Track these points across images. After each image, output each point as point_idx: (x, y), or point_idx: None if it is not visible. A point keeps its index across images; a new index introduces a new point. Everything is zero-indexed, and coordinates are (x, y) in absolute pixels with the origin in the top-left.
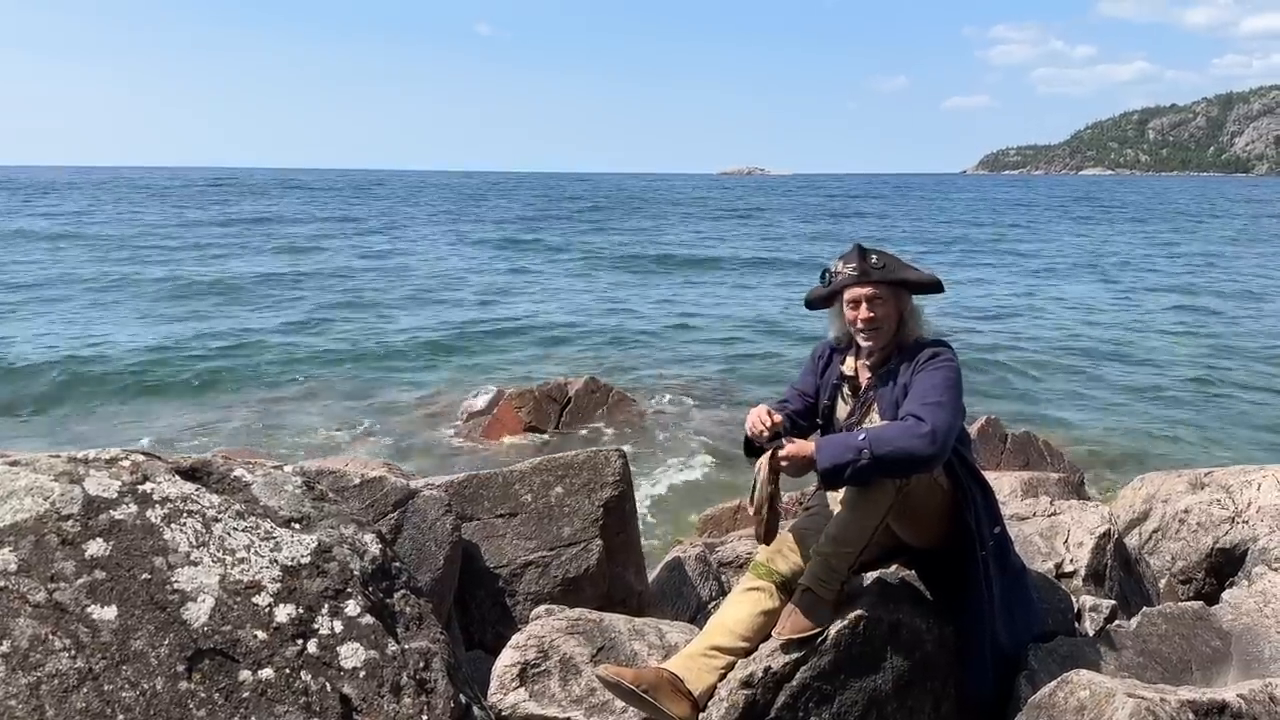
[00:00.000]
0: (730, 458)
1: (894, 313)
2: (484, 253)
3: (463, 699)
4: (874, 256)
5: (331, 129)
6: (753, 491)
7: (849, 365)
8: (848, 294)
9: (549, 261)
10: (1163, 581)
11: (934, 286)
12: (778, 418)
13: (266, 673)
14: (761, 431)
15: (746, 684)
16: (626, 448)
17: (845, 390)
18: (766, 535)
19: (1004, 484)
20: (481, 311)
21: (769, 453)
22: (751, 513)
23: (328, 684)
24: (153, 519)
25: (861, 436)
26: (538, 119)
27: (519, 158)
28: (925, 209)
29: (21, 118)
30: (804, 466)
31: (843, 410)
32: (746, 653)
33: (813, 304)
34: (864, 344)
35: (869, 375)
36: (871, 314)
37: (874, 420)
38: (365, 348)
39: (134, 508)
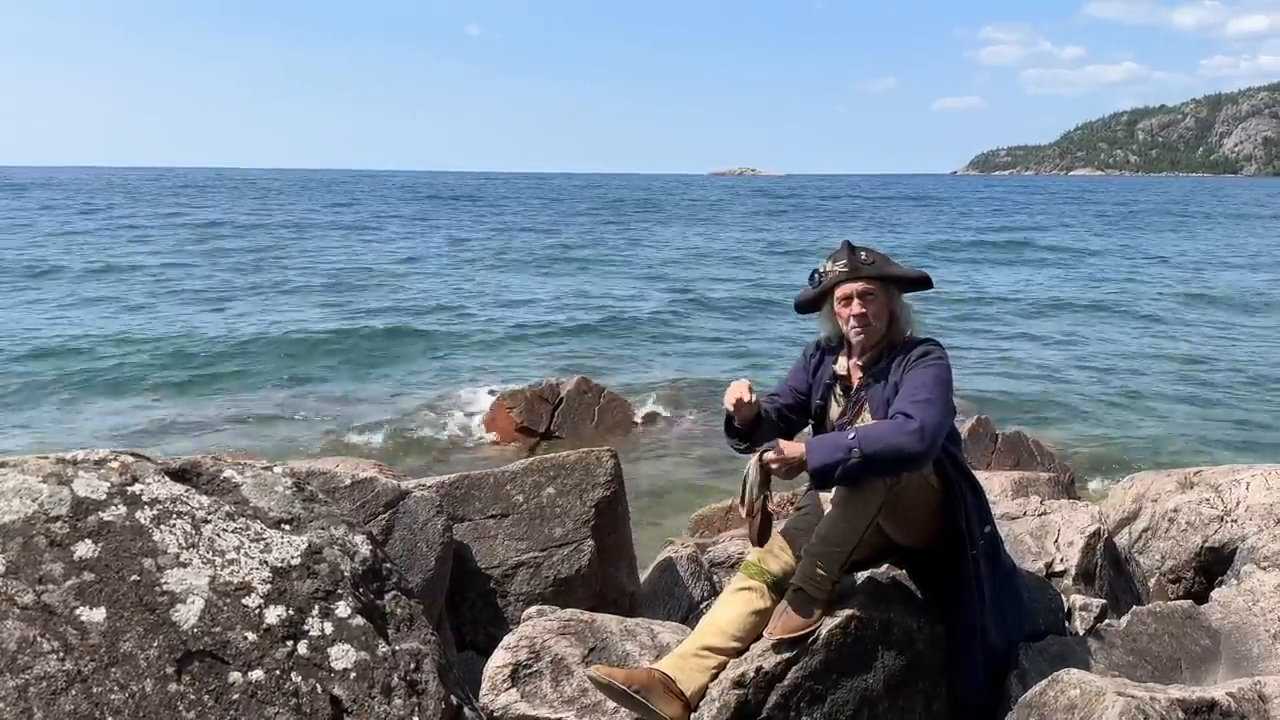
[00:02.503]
0: (722, 458)
1: (885, 309)
2: (487, 252)
3: (454, 700)
4: (863, 253)
5: (321, 130)
6: (744, 493)
7: (841, 365)
8: (839, 291)
9: (554, 261)
10: (1152, 580)
11: (923, 282)
12: (750, 396)
13: (256, 674)
14: (739, 403)
15: (738, 684)
16: (618, 448)
17: (837, 390)
18: (760, 537)
19: (994, 483)
20: (478, 310)
21: (759, 454)
22: (744, 515)
23: (318, 685)
24: (142, 520)
25: (851, 435)
26: (528, 120)
27: (509, 158)
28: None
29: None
30: (795, 467)
31: (835, 410)
32: (738, 653)
33: (802, 307)
34: (856, 340)
35: (860, 375)
36: (864, 310)
37: (866, 419)
38: (360, 348)
39: (123, 509)
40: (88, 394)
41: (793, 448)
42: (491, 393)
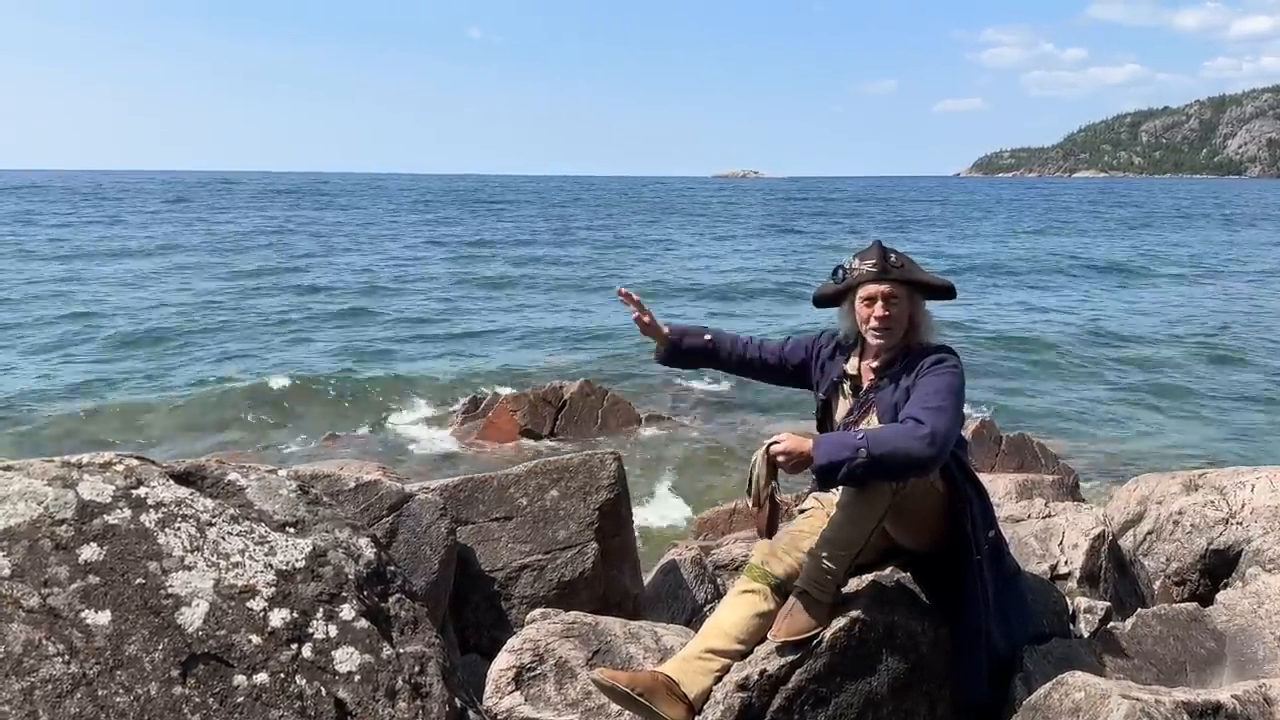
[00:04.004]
0: (725, 461)
1: (907, 314)
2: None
3: (458, 703)
4: (892, 255)
5: (322, 133)
6: (751, 486)
7: (852, 364)
8: (863, 291)
9: (554, 262)
10: (1157, 583)
11: (947, 291)
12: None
13: (261, 677)
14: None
15: (742, 687)
16: (622, 450)
17: (846, 387)
18: (768, 528)
19: (999, 486)
20: (483, 315)
21: (766, 448)
22: (752, 506)
23: (323, 688)
24: (147, 523)
25: (860, 436)
26: (530, 123)
27: (510, 161)
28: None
29: None
30: (801, 462)
31: (841, 408)
32: (742, 655)
33: (821, 301)
34: (874, 343)
35: (871, 377)
36: (887, 312)
37: (872, 422)
38: (360, 350)
39: (128, 512)
40: (87, 397)
41: (800, 442)
42: (495, 395)
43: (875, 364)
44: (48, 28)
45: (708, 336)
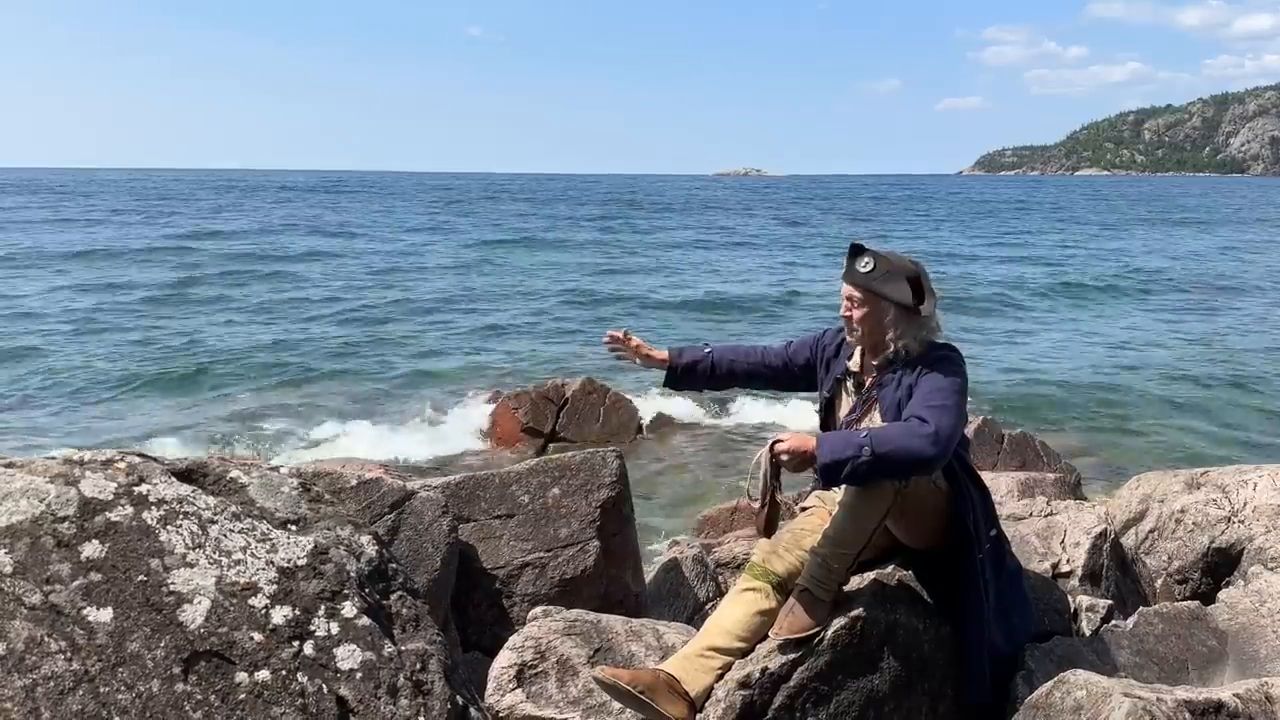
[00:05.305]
0: (727, 459)
1: (872, 318)
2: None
3: (459, 700)
4: (864, 259)
5: (321, 132)
6: (753, 485)
7: (855, 361)
8: (842, 288)
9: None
10: (1159, 581)
11: (908, 308)
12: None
13: (263, 675)
14: (611, 342)
15: (744, 685)
16: (623, 449)
17: (849, 385)
18: (767, 529)
19: (1001, 484)
20: (487, 315)
21: (769, 446)
22: (755, 506)
23: (324, 686)
24: (149, 521)
25: (864, 434)
26: (531, 121)
27: (513, 160)
28: None
29: None
30: (804, 461)
31: (845, 406)
32: (744, 653)
33: None
34: (847, 338)
35: (874, 374)
36: (849, 312)
37: (875, 420)
38: (367, 351)
39: (130, 509)
40: (88, 396)
41: (803, 440)
42: (497, 393)
43: (876, 362)
44: (48, 27)
45: (707, 349)
